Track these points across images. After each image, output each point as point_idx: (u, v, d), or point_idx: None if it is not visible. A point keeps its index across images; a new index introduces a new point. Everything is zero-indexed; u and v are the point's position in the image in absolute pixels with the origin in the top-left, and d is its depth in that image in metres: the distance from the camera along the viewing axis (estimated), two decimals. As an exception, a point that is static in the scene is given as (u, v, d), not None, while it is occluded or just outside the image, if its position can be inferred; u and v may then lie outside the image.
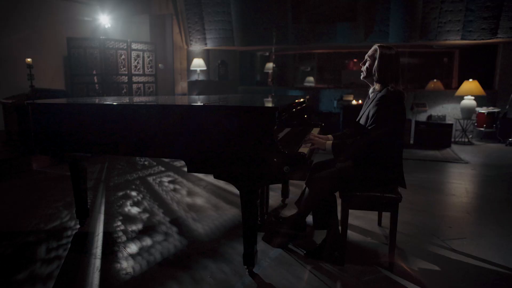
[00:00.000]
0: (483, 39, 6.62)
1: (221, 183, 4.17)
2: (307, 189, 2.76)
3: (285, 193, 3.50)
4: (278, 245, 2.59)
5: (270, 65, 10.11)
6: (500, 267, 2.31)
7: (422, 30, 6.86)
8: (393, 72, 2.26)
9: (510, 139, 6.65)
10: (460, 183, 4.29)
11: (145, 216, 3.16)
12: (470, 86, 6.76)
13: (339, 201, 2.39)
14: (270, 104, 2.31)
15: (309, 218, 2.91)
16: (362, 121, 2.34)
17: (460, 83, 8.12)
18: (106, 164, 5.03)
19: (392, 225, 2.20)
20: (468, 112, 6.84)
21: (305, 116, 3.25)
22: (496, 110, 6.81)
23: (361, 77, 2.42)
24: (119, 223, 3.00)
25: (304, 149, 2.25)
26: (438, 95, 7.45)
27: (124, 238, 2.71)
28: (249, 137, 1.94)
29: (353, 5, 7.11)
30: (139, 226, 2.94)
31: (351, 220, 2.86)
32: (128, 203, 3.49)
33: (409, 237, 2.75)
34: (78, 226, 2.91)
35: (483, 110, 6.82)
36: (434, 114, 7.22)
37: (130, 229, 2.88)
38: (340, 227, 2.30)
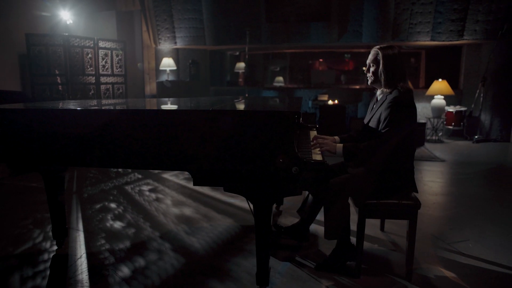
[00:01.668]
0: (451, 41, 6.85)
1: (205, 190, 3.93)
2: (310, 196, 2.62)
3: (279, 200, 3.34)
4: (285, 258, 2.42)
5: (240, 65, 9.92)
6: (510, 269, 2.29)
7: (394, 31, 6.98)
8: (400, 71, 2.17)
9: (476, 137, 6.94)
10: (443, 182, 4.35)
11: (131, 231, 2.86)
12: (440, 86, 6.97)
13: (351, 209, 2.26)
14: (282, 108, 2.13)
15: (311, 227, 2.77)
16: (372, 124, 2.23)
17: (426, 83, 8.40)
18: (76, 172, 4.60)
19: (411, 234, 2.10)
20: (438, 111, 7.06)
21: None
22: (463, 108, 7.08)
23: (369, 83, 2.31)
24: (103, 241, 2.68)
25: (317, 156, 2.09)
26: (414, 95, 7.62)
27: (112, 259, 2.41)
28: (267, 144, 1.74)
29: (327, 5, 7.10)
30: (127, 243, 2.65)
31: (351, 227, 2.76)
32: (109, 217, 3.16)
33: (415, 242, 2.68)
34: (55, 247, 2.56)
35: (451, 109, 7.08)
36: (405, 113, 7.37)
37: (117, 247, 2.58)
38: (356, 238, 2.17)
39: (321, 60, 10.29)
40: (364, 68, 2.32)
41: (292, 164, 1.74)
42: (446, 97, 7.12)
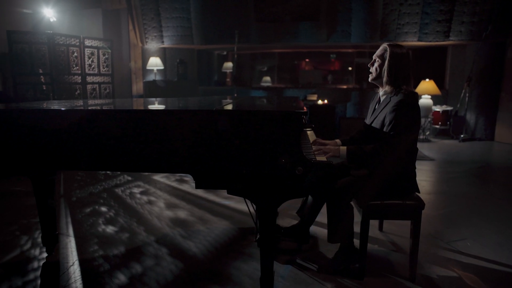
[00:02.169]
0: (437, 41, 6.95)
1: (199, 192, 3.85)
2: (310, 197, 2.58)
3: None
4: (286, 261, 2.38)
5: (228, 64, 9.83)
6: (510, 268, 2.31)
7: (382, 31, 7.04)
8: (405, 72, 2.14)
9: (462, 136, 7.06)
10: (435, 180, 4.39)
11: (124, 236, 2.76)
12: (427, 86, 7.07)
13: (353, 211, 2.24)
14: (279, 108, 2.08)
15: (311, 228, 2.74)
16: (376, 126, 2.19)
17: (413, 83, 8.50)
18: (62, 175, 4.44)
19: (415, 235, 2.09)
20: (425, 111, 7.15)
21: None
22: (449, 108, 7.20)
23: (370, 79, 2.27)
24: (96, 247, 2.58)
25: (321, 157, 2.05)
26: (397, 95, 7.70)
27: (107, 266, 2.31)
28: (273, 145, 1.69)
29: (317, 5, 7.09)
30: (121, 249, 2.55)
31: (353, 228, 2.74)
32: (100, 221, 3.05)
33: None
34: (45, 255, 2.45)
35: (438, 108, 7.18)
36: (393, 113, 7.45)
37: (111, 253, 2.48)
38: (360, 239, 2.14)
39: (307, 60, 10.31)
40: (369, 65, 2.27)
41: (299, 166, 1.69)
42: (433, 97, 7.22)
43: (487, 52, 6.94)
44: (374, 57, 2.22)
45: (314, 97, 7.74)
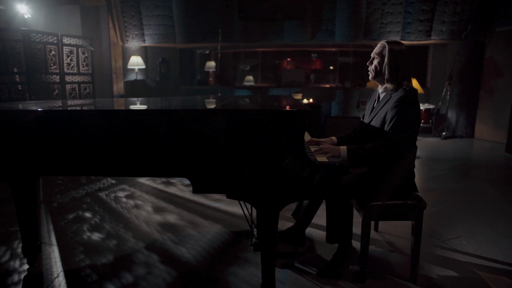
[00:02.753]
0: (419, 40, 7.04)
1: (187, 194, 3.73)
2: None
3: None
4: (284, 265, 2.30)
5: (211, 63, 9.69)
6: (507, 265, 2.31)
7: (366, 30, 7.08)
8: (405, 68, 2.11)
9: (444, 133, 7.19)
10: (422, 178, 4.42)
11: (112, 243, 2.62)
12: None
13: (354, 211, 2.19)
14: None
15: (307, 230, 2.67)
16: (376, 124, 2.15)
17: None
18: (41, 179, 4.22)
19: (416, 235, 2.05)
20: (408, 109, 7.22)
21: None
22: (431, 106, 7.32)
23: (370, 77, 2.23)
24: (82, 256, 2.43)
25: (322, 158, 1.98)
26: (380, 93, 7.77)
27: (95, 276, 2.18)
28: (276, 146, 1.61)
29: (301, 4, 7.06)
30: (110, 257, 2.41)
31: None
32: (85, 228, 2.89)
33: (410, 241, 2.66)
34: (26, 266, 2.28)
35: (421, 106, 7.29)
36: (377, 112, 7.53)
37: (99, 262, 2.34)
38: (360, 241, 2.08)
39: (289, 59, 10.28)
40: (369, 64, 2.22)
41: (303, 167, 1.62)
42: (416, 95, 7.31)
43: (467, 52, 7.08)
44: (372, 55, 2.17)
45: (299, 96, 7.71)
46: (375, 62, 2.15)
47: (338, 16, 7.06)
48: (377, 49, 2.15)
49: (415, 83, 7.14)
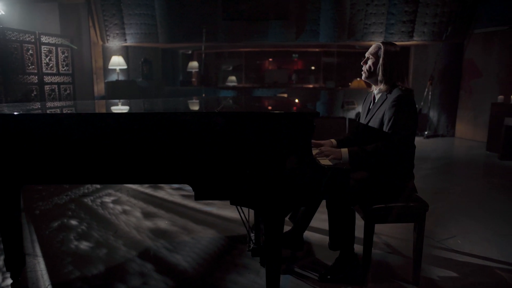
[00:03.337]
0: (402, 41, 7.15)
1: (176, 199, 3.63)
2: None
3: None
4: (284, 270, 2.25)
5: (194, 64, 9.54)
6: (503, 264, 2.34)
7: (350, 31, 7.13)
8: (399, 69, 2.10)
9: (426, 132, 7.33)
10: (411, 178, 4.46)
11: (102, 252, 2.50)
12: (393, 85, 7.25)
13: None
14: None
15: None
16: (374, 125, 2.13)
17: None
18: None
19: (419, 238, 2.04)
20: (392, 109, 7.33)
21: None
22: (414, 106, 7.44)
23: (363, 77, 2.21)
24: (71, 267, 2.30)
25: (325, 161, 1.94)
26: (365, 93, 7.85)
27: (86, 288, 2.06)
28: (283, 150, 1.55)
29: (286, 4, 7.04)
30: (101, 268, 2.29)
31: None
32: (72, 236, 2.75)
33: (407, 242, 2.66)
34: (9, 281, 2.12)
35: (403, 106, 7.40)
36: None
37: (89, 274, 2.22)
38: (363, 245, 2.05)
39: (271, 59, 10.26)
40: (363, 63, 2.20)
41: (311, 171, 1.57)
42: (399, 96, 7.42)
43: (447, 52, 7.25)
44: (367, 55, 2.15)
45: (278, 96, 7.70)
46: (370, 62, 2.14)
47: (323, 17, 7.09)
48: (372, 49, 2.13)
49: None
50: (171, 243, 2.64)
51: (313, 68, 9.67)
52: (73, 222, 3.03)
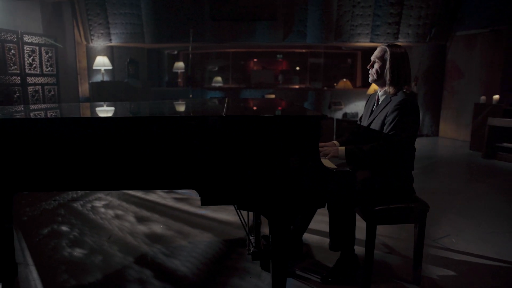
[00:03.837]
0: (388, 42, 7.25)
1: (169, 202, 3.57)
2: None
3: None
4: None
5: (179, 64, 9.43)
6: (498, 261, 2.40)
7: (337, 32, 7.19)
8: (406, 71, 2.12)
9: (411, 132, 7.47)
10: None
11: (97, 259, 2.43)
12: (379, 85, 7.36)
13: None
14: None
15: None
16: (375, 126, 2.14)
17: (363, 83, 8.84)
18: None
19: (419, 238, 2.07)
20: (378, 109, 7.44)
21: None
22: (399, 106, 7.57)
23: (370, 80, 2.22)
24: (66, 275, 2.22)
25: (329, 164, 1.94)
26: (351, 94, 7.95)
27: (84, 298, 2.00)
28: (291, 154, 1.54)
29: (274, 5, 7.04)
30: (97, 275, 2.23)
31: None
32: (64, 243, 2.66)
33: (404, 242, 2.69)
34: (1, 291, 2.05)
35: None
36: (348, 112, 7.69)
37: (86, 282, 2.15)
38: (365, 246, 2.06)
39: (256, 60, 10.26)
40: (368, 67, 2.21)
41: (319, 175, 1.56)
42: (385, 96, 7.54)
43: (431, 54, 7.41)
44: (373, 58, 2.16)
45: (273, 97, 7.70)
46: (376, 66, 2.15)
47: (310, 18, 7.12)
48: (377, 53, 2.14)
49: (384, 84, 7.36)
50: (168, 248, 2.59)
51: (297, 68, 9.71)
52: (64, 228, 2.94)
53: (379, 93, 2.22)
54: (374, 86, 7.34)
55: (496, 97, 5.94)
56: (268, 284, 2.10)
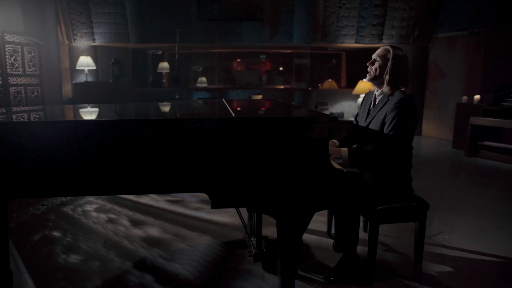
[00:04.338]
0: (372, 43, 7.39)
1: (162, 204, 3.52)
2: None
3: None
4: (288, 274, 2.24)
5: (164, 64, 9.32)
6: (491, 256, 2.48)
7: (323, 33, 7.27)
8: (405, 74, 2.16)
9: (395, 132, 7.63)
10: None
11: (95, 265, 2.37)
12: (365, 86, 7.45)
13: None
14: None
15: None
16: (374, 126, 2.17)
17: (348, 83, 8.97)
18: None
19: (420, 236, 2.11)
20: (364, 109, 7.56)
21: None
22: (384, 106, 7.72)
23: (368, 78, 2.25)
24: (63, 283, 2.16)
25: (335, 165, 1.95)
26: (337, 94, 8.06)
27: (86, 305, 1.94)
28: (302, 155, 1.55)
29: (261, 5, 7.05)
30: (97, 282, 2.17)
31: (333, 229, 2.72)
32: (58, 249, 2.58)
33: (400, 240, 2.75)
34: (-3, 300, 1.97)
35: (374, 107, 7.66)
36: (334, 112, 7.79)
37: (86, 289, 2.09)
38: (368, 245, 2.09)
39: (239, 60, 10.24)
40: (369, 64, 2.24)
41: (329, 176, 1.57)
42: (370, 96, 7.68)
43: (414, 55, 7.58)
44: (374, 57, 2.19)
45: (259, 97, 7.71)
46: (377, 64, 2.17)
47: (296, 19, 7.17)
48: (380, 52, 2.17)
49: (368, 84, 7.49)
50: (167, 252, 2.55)
51: (281, 69, 9.75)
52: (56, 233, 2.85)
53: (376, 93, 2.25)
54: (359, 87, 7.46)
55: (477, 97, 6.13)
56: (273, 286, 2.10)
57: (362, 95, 7.45)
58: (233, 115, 1.63)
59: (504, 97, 5.84)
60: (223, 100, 2.68)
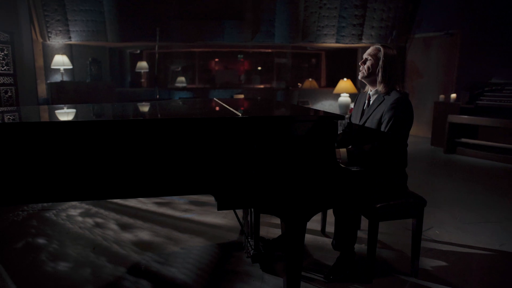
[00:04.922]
0: (353, 43, 7.51)
1: (150, 207, 3.43)
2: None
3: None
4: (288, 274, 2.22)
5: (143, 64, 9.11)
6: (480, 249, 2.55)
7: (304, 32, 7.31)
8: (397, 73, 2.19)
9: (375, 130, 7.78)
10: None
11: (86, 272, 2.27)
12: (345, 85, 7.58)
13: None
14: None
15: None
16: (370, 125, 2.19)
17: (328, 82, 9.08)
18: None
19: (417, 232, 2.15)
20: (344, 108, 7.66)
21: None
22: (364, 105, 7.86)
23: (360, 77, 2.27)
24: (54, 292, 2.05)
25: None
26: (318, 93, 8.13)
27: (81, 315, 1.85)
28: (308, 154, 1.53)
29: (242, 4, 7.01)
30: (90, 289, 2.08)
31: (327, 228, 2.73)
32: (44, 257, 2.45)
33: (394, 237, 2.79)
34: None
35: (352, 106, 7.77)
36: (316, 111, 7.86)
37: (79, 298, 2.00)
38: (367, 243, 2.11)
39: (217, 59, 10.16)
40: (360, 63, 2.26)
41: (335, 175, 1.56)
42: (350, 95, 7.79)
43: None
44: (365, 56, 2.21)
45: (240, 97, 7.67)
46: (368, 63, 2.19)
47: (278, 18, 7.18)
48: (371, 51, 2.19)
49: (348, 83, 7.60)
50: (160, 256, 2.48)
51: (259, 68, 9.74)
52: (41, 240, 2.71)
53: (370, 93, 2.27)
54: (340, 86, 7.56)
55: (454, 95, 6.35)
56: (273, 286, 2.08)
57: (344, 94, 7.57)
58: (239, 114, 1.59)
59: (479, 96, 6.07)
60: (216, 99, 2.63)
